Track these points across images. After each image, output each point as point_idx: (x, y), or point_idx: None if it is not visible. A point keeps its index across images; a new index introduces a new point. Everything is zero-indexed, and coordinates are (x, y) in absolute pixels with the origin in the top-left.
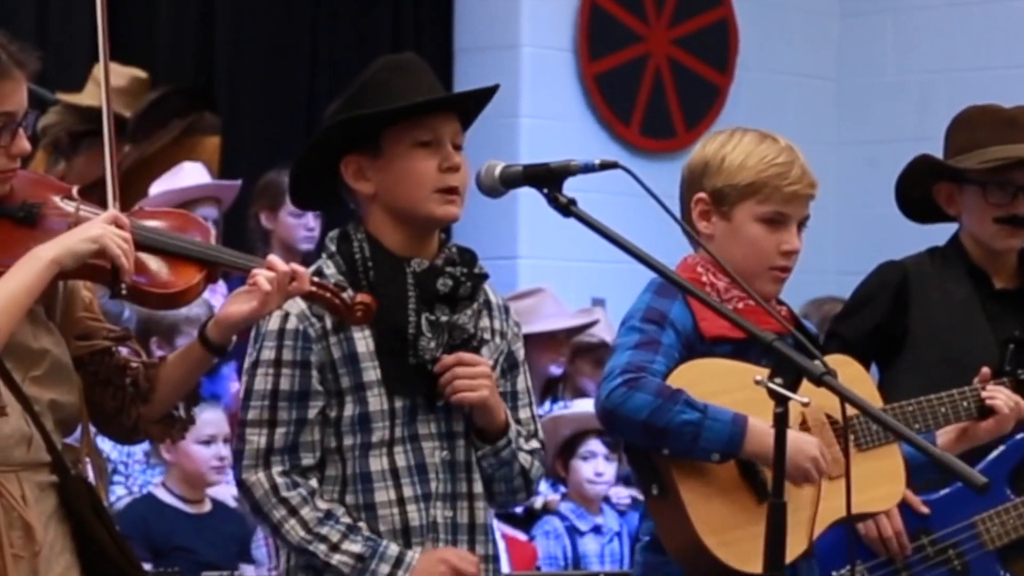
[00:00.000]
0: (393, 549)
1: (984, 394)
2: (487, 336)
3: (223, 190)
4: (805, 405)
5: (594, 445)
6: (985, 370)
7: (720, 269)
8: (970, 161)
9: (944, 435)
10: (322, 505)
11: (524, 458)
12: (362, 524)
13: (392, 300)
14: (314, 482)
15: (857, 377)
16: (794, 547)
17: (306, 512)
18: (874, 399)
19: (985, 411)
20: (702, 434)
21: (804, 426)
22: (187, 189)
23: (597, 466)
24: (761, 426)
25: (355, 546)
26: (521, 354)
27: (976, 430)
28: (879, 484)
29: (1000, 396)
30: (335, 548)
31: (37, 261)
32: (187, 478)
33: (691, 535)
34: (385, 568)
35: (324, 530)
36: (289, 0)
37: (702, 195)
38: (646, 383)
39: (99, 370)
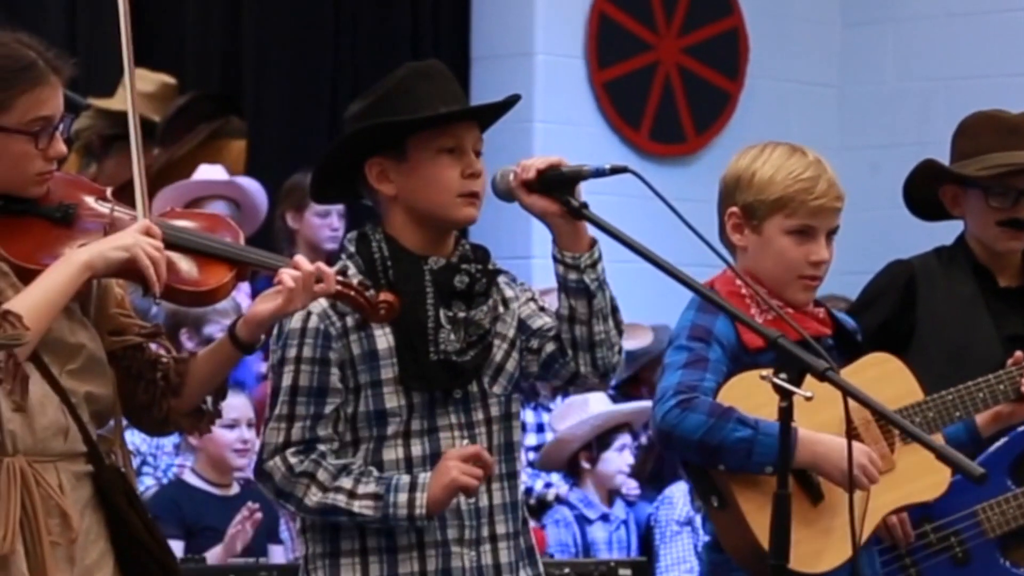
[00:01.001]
0: (405, 478)
1: None
2: (502, 309)
3: (232, 188)
4: (808, 399)
5: (625, 438)
6: (1019, 353)
7: (753, 278)
8: (973, 167)
9: (980, 417)
10: (336, 461)
11: (609, 292)
12: (372, 468)
13: (411, 297)
14: (325, 447)
15: (896, 372)
16: (845, 544)
17: (321, 473)
18: (914, 392)
19: (1021, 394)
20: (755, 449)
21: (850, 424)
22: (190, 185)
23: (628, 458)
24: (810, 436)
25: (369, 487)
26: (535, 305)
27: (1013, 412)
28: (925, 474)
29: None
30: (353, 495)
31: (71, 265)
32: (213, 462)
33: (753, 544)
34: (403, 496)
35: (339, 482)
36: (312, 10)
37: (734, 209)
38: (699, 403)
39: (131, 365)
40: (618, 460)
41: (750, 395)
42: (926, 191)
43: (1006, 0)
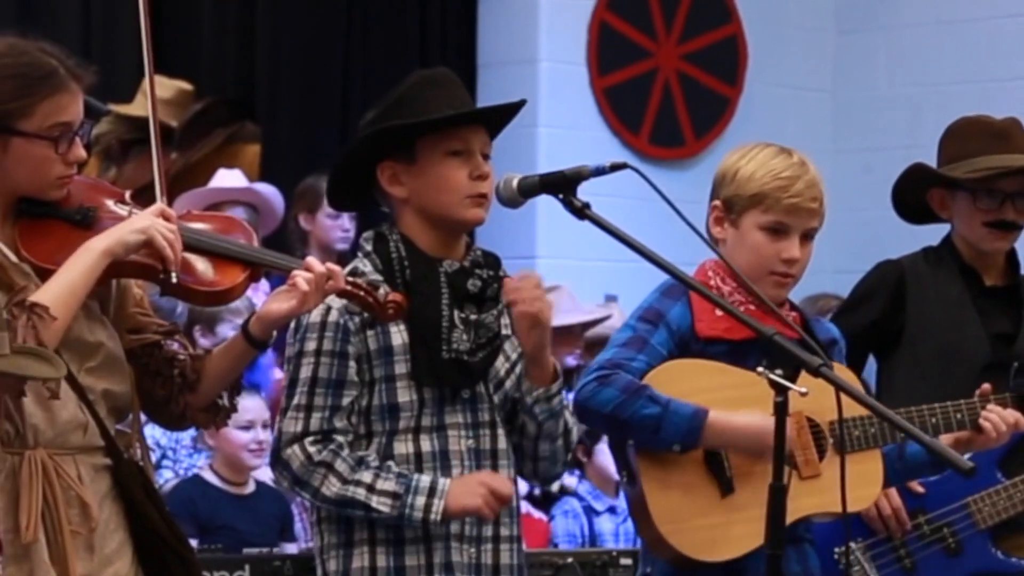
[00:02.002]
0: (425, 480)
1: (983, 412)
2: (509, 332)
3: (251, 194)
4: (803, 395)
5: None
6: (986, 386)
7: (728, 273)
8: (961, 170)
9: (943, 440)
10: (354, 454)
11: (569, 418)
12: (390, 463)
13: (426, 297)
14: (343, 439)
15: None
16: (743, 539)
17: (339, 464)
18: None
19: (978, 425)
20: (663, 426)
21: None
22: (210, 191)
23: None
24: (721, 420)
25: (388, 484)
26: None
27: (971, 440)
28: (855, 487)
29: (992, 418)
30: (372, 489)
31: (91, 252)
32: (228, 461)
33: (649, 521)
34: (420, 500)
35: (358, 475)
36: (324, 18)
37: (717, 203)
38: (616, 379)
39: (149, 362)
40: (608, 453)
41: (678, 380)
42: (914, 194)
43: (992, 8)
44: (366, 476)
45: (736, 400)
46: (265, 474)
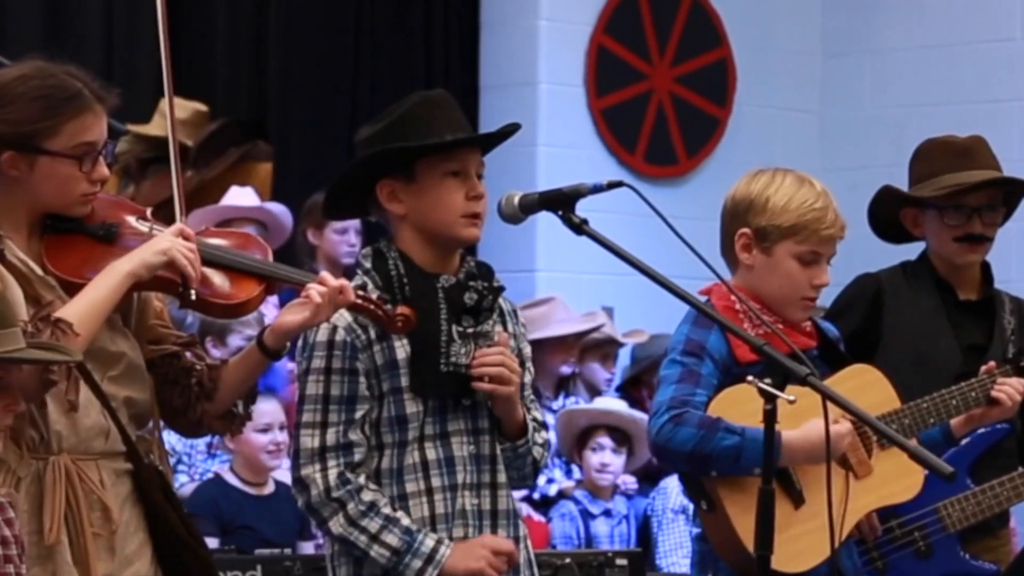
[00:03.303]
0: (427, 545)
1: (996, 385)
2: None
3: (262, 212)
4: (791, 403)
5: (603, 439)
6: (991, 363)
7: (749, 294)
8: (928, 189)
9: (954, 421)
10: (367, 497)
11: (537, 451)
12: (400, 514)
13: (425, 312)
14: (363, 478)
15: (876, 382)
16: (823, 545)
17: (351, 507)
18: (891, 401)
19: (992, 399)
20: (743, 454)
21: (828, 427)
22: (223, 208)
23: (603, 458)
24: (794, 437)
25: (392, 539)
26: (527, 352)
27: (983, 416)
28: (900, 477)
29: (1007, 388)
30: (374, 539)
31: (115, 274)
32: (248, 463)
33: (738, 545)
34: (417, 563)
35: (364, 522)
36: (333, 41)
37: (746, 230)
38: (689, 417)
39: (168, 371)
40: (593, 459)
41: (741, 404)
42: (889, 215)
43: (972, 33)
44: (372, 525)
45: (790, 413)
46: (285, 475)
